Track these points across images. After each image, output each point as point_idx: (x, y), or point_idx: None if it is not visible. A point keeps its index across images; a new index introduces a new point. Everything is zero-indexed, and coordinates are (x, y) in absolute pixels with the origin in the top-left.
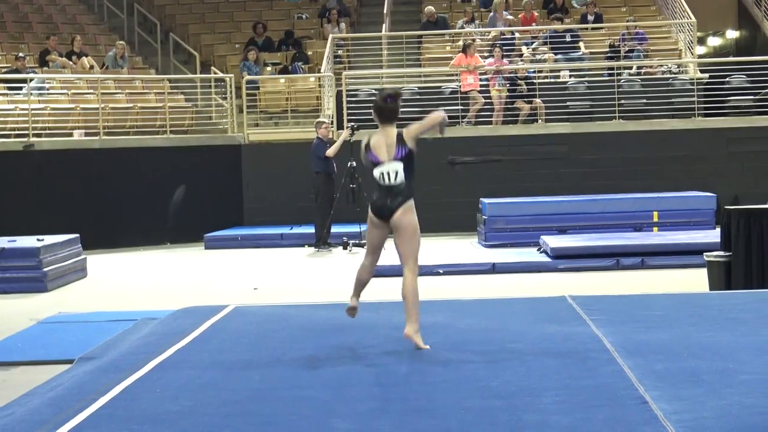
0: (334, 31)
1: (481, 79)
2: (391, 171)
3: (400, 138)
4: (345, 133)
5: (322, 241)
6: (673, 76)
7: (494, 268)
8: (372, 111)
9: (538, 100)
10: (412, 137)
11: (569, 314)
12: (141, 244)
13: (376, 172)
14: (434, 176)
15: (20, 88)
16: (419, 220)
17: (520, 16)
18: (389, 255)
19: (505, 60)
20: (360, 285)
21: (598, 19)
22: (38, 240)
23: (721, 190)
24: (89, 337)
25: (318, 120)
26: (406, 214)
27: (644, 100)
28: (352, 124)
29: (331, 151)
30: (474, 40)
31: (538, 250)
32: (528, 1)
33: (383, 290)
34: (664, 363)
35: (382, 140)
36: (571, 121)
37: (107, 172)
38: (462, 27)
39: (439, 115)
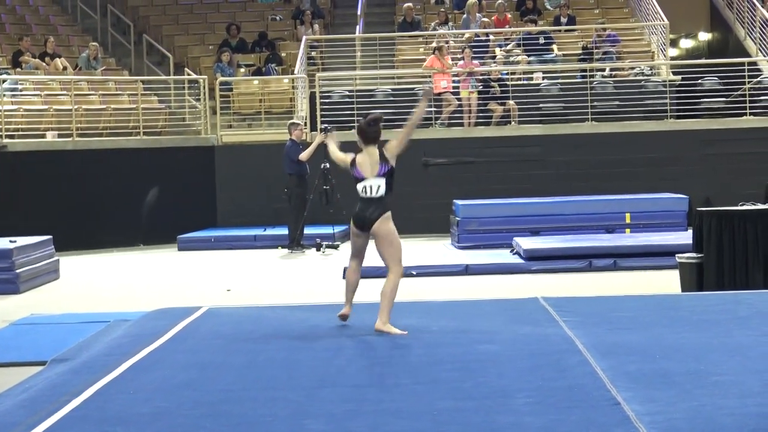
0: (308, 32)
1: (454, 81)
2: (374, 185)
3: (382, 156)
4: (319, 137)
5: (295, 242)
6: (645, 78)
7: (467, 270)
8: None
9: (511, 101)
10: (393, 155)
11: (542, 316)
12: (114, 245)
13: (359, 186)
14: (408, 177)
15: None
16: (395, 220)
17: (493, 18)
18: (373, 256)
19: (475, 62)
20: (350, 289)
21: (571, 21)
22: (11, 242)
23: (693, 191)
24: (62, 339)
25: (292, 122)
26: (384, 224)
27: (617, 102)
28: (326, 125)
29: (304, 155)
30: (447, 42)
31: (511, 251)
32: (501, 3)
33: (359, 292)
34: (636, 364)
35: (366, 159)
36: (544, 123)
37: (80, 174)
38: (435, 29)
39: (421, 106)
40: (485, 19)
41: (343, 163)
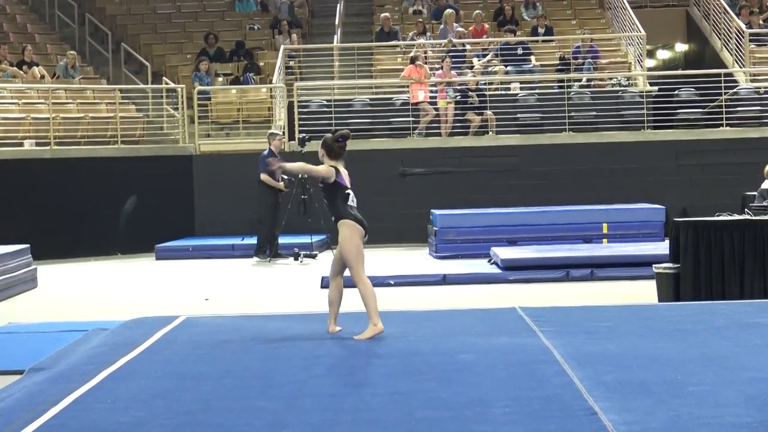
0: (286, 42)
1: (431, 91)
2: (353, 195)
3: (348, 173)
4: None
5: (262, 250)
6: (622, 88)
7: (445, 280)
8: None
9: (488, 111)
10: None
11: (519, 325)
12: (92, 254)
13: (351, 195)
14: (385, 187)
15: None
16: (370, 230)
17: (470, 28)
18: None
19: (453, 72)
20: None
21: (548, 31)
22: None
23: (670, 202)
24: (40, 348)
25: (271, 131)
26: None
27: (594, 113)
28: (303, 135)
29: (264, 177)
30: (425, 52)
31: (488, 261)
32: (478, 14)
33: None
34: (613, 374)
35: (342, 170)
36: (521, 133)
37: (58, 182)
38: (413, 39)
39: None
40: (460, 29)
41: (324, 174)
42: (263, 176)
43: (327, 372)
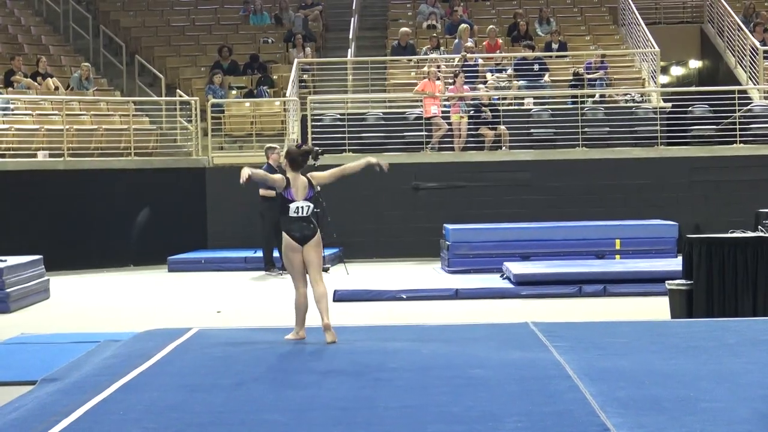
0: (300, 55)
1: (444, 106)
2: (304, 206)
3: (309, 182)
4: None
5: (271, 264)
6: (636, 104)
7: (457, 294)
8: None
9: (502, 126)
10: (318, 183)
11: (532, 340)
12: (104, 266)
13: (293, 207)
14: (398, 201)
15: None
16: (382, 244)
17: (484, 43)
18: (363, 280)
19: (466, 86)
20: (303, 313)
21: (562, 47)
22: (1, 261)
23: (683, 218)
24: (52, 359)
25: (269, 146)
26: (318, 237)
27: (607, 129)
28: (317, 148)
29: (262, 192)
30: (439, 67)
31: (501, 276)
32: (492, 29)
33: (350, 315)
34: (626, 390)
35: (296, 182)
36: (534, 149)
37: (71, 194)
38: (426, 53)
39: (359, 163)
40: (469, 44)
41: (278, 184)
42: (262, 191)
43: (339, 385)
